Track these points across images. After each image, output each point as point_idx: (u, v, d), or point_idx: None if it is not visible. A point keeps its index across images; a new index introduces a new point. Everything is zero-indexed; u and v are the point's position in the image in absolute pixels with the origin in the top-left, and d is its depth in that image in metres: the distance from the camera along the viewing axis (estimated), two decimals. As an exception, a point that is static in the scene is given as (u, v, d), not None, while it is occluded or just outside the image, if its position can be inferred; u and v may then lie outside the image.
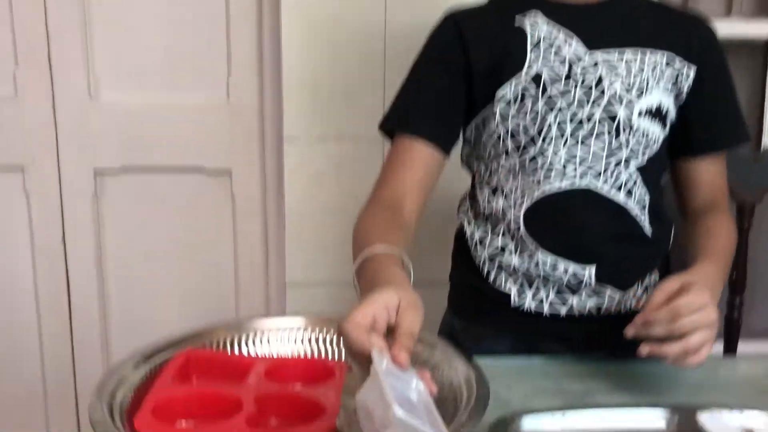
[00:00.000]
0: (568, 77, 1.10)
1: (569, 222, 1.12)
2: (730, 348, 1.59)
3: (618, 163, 1.10)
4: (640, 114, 1.10)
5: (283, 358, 1.07)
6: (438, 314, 1.32)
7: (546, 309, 1.15)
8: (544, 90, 1.10)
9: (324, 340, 1.11)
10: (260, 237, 1.96)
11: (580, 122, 1.10)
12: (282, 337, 1.11)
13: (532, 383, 1.09)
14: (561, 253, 1.12)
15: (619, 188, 1.11)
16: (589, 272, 1.12)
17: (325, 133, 1.77)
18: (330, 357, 1.08)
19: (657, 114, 1.12)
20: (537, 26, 1.11)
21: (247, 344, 1.09)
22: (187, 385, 0.95)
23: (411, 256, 0.96)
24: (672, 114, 1.15)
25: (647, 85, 1.10)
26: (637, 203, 1.13)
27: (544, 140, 1.11)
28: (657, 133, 1.13)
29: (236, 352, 1.07)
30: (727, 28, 1.58)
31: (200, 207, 1.93)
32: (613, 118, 1.10)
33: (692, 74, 1.13)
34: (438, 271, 1.30)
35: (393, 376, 0.69)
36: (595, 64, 1.10)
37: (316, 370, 1.00)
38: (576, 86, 1.10)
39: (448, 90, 1.16)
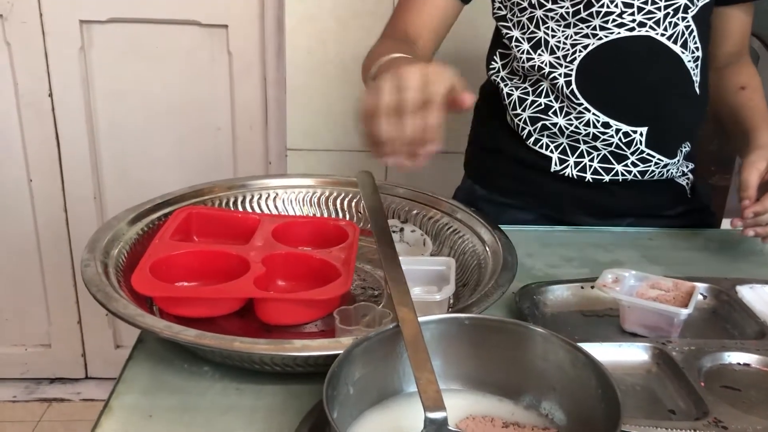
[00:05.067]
0: None
1: (625, 75, 1.02)
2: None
3: (675, 12, 0.99)
4: None
5: (292, 216, 0.99)
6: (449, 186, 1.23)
7: (588, 175, 1.08)
8: None
9: (335, 201, 1.03)
10: (260, 100, 1.85)
11: None
12: (290, 198, 1.03)
13: (555, 252, 1.03)
14: (612, 112, 1.03)
15: (675, 40, 1.01)
16: (640, 134, 1.04)
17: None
18: (341, 217, 1.01)
19: None
20: None
21: (251, 204, 1.02)
22: (189, 244, 0.88)
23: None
24: None
25: None
26: (691, 57, 1.03)
27: None
28: None
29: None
30: None
31: (195, 63, 1.81)
32: None
33: None
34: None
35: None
36: None
37: (328, 230, 0.92)
38: None
39: None
